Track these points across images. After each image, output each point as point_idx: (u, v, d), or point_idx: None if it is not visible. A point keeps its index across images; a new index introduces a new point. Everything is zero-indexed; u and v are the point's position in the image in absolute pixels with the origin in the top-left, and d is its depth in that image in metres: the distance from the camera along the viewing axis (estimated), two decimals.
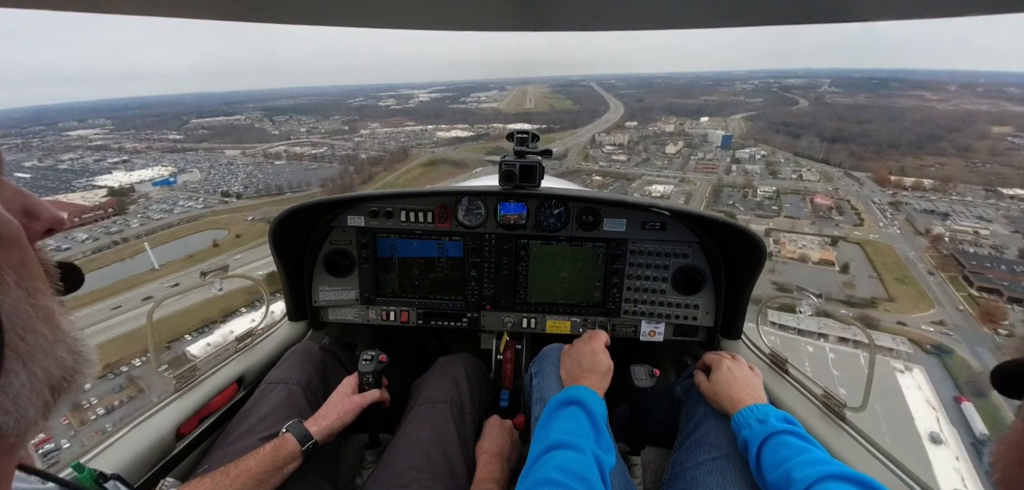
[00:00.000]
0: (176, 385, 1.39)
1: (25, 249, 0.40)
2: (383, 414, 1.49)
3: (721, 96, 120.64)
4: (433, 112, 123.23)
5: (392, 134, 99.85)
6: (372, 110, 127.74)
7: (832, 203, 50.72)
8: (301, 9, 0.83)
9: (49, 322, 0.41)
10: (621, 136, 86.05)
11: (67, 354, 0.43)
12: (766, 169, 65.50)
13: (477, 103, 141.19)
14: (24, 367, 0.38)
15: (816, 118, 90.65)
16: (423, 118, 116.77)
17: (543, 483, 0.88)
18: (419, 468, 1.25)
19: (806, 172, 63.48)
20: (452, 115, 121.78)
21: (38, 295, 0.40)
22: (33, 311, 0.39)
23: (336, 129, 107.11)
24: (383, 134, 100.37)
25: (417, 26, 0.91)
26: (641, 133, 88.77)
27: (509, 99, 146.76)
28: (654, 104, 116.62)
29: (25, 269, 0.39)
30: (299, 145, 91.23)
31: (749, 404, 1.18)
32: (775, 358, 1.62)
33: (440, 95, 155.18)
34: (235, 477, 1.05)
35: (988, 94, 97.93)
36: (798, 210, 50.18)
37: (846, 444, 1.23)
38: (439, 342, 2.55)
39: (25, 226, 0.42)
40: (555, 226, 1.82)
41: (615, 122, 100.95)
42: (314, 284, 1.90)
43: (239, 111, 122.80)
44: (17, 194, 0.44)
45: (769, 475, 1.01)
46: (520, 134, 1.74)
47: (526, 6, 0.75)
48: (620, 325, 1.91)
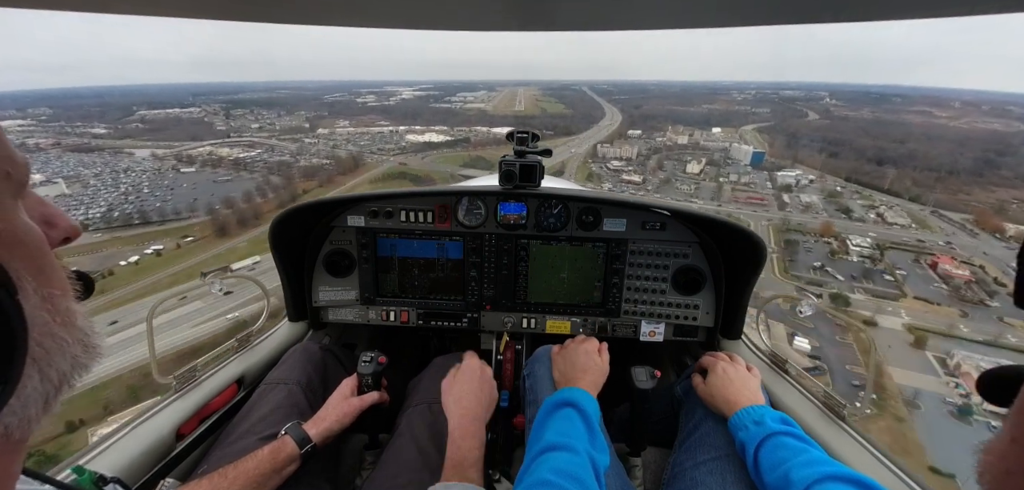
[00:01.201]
0: (176, 385, 1.39)
1: (46, 256, 0.42)
2: (383, 415, 1.49)
3: (723, 105, 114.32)
4: (412, 111, 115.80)
5: (356, 135, 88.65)
6: (347, 107, 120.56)
7: (969, 276, 30.95)
8: (301, 9, 0.83)
9: (68, 325, 0.43)
10: (627, 148, 72.39)
11: (81, 350, 0.44)
12: (826, 201, 48.65)
13: (463, 103, 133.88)
14: (39, 372, 0.39)
15: (841, 132, 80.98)
16: (399, 117, 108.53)
17: (539, 485, 0.89)
18: (417, 468, 1.25)
19: (887, 211, 45.01)
20: (432, 115, 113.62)
21: (57, 300, 0.41)
22: (51, 316, 0.40)
23: (296, 126, 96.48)
24: (345, 134, 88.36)
25: (417, 26, 0.91)
26: (649, 144, 76.96)
27: (498, 100, 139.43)
28: (655, 111, 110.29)
29: (44, 276, 0.41)
30: (229, 146, 75.91)
31: (746, 405, 1.18)
32: (775, 358, 1.62)
33: (424, 94, 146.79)
34: (233, 480, 1.05)
35: (995, 113, 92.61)
36: (923, 284, 31.00)
37: (846, 444, 1.23)
38: (439, 342, 2.55)
39: (44, 234, 0.43)
40: (555, 226, 1.82)
41: (615, 130, 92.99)
42: (314, 284, 1.90)
43: (202, 103, 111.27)
44: (38, 203, 0.46)
45: (767, 477, 1.00)
46: (520, 134, 1.74)
47: (526, 6, 0.76)
48: (620, 325, 1.91)
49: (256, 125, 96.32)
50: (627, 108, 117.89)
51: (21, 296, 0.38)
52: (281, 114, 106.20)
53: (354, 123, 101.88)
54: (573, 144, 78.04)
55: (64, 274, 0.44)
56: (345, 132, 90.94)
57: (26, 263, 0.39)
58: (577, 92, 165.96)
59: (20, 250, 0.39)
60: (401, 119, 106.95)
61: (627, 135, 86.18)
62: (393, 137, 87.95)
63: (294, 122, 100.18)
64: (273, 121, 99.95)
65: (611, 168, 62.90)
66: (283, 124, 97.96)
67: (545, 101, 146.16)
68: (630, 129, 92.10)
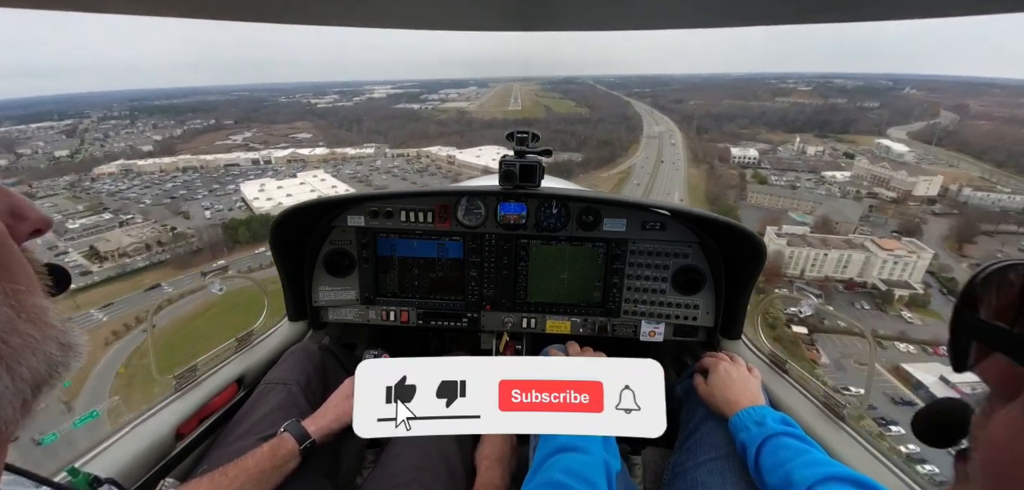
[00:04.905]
0: (176, 385, 1.39)
1: (8, 251, 0.40)
2: None
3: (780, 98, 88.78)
4: (357, 116, 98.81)
5: (207, 167, 72.83)
6: (279, 111, 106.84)
7: None
8: (301, 9, 0.83)
9: (37, 321, 0.41)
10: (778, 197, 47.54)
11: (57, 349, 0.43)
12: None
13: (440, 103, 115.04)
14: (7, 370, 0.38)
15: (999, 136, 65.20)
16: (330, 126, 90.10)
17: (549, 485, 0.88)
18: (418, 467, 1.25)
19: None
20: (392, 119, 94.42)
21: (22, 296, 0.40)
22: (16, 312, 0.39)
23: (165, 139, 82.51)
24: (174, 166, 72.67)
25: (418, 26, 0.91)
26: (773, 161, 53.53)
27: (488, 97, 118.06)
28: (705, 109, 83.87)
29: (7, 272, 0.39)
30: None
31: (746, 406, 1.18)
32: (775, 358, 1.62)
33: (401, 92, 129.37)
34: (234, 477, 1.06)
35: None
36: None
37: (846, 444, 1.23)
38: (439, 342, 2.55)
39: (10, 227, 0.42)
40: (555, 226, 1.82)
41: (685, 144, 63.56)
42: (314, 284, 1.90)
43: (104, 112, 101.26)
44: (3, 195, 0.44)
45: (768, 478, 1.00)
46: (520, 134, 1.74)
47: (526, 6, 0.75)
48: (620, 325, 1.91)
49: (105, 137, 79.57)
50: (663, 107, 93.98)
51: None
52: (177, 123, 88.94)
53: (264, 131, 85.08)
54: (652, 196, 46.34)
55: (31, 269, 0.43)
56: (205, 159, 75.60)
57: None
58: (584, 86, 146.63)
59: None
60: (327, 130, 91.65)
61: (731, 155, 57.39)
62: (257, 169, 71.95)
63: (164, 133, 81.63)
64: (140, 133, 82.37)
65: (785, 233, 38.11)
66: (148, 137, 78.67)
67: (548, 98, 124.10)
68: (697, 135, 65.20)
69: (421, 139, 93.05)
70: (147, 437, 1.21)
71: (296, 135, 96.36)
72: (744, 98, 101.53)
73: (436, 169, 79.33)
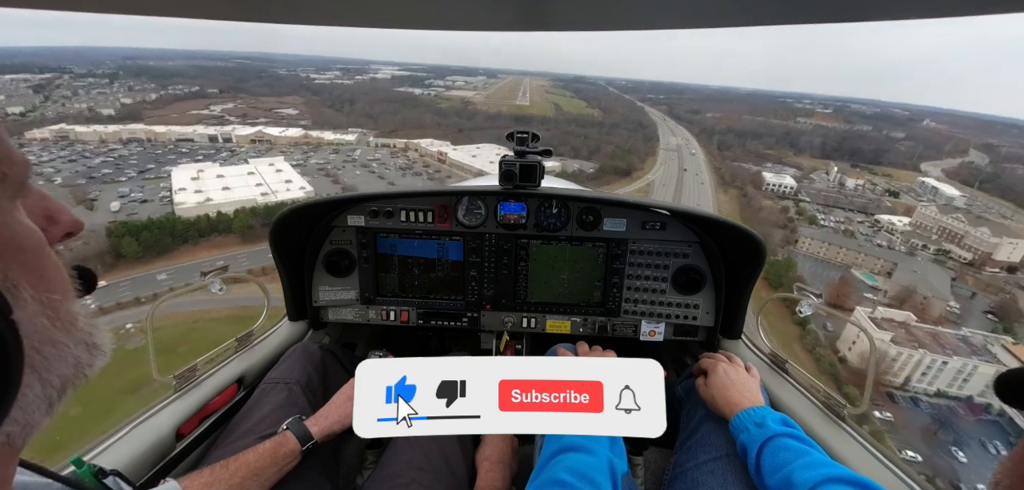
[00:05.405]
0: (176, 385, 1.39)
1: (46, 257, 0.40)
2: None
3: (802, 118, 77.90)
4: (351, 96, 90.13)
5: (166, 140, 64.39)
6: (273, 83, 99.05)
7: None
8: (301, 9, 0.83)
9: (69, 328, 0.41)
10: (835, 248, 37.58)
11: (84, 351, 0.43)
12: None
13: (444, 90, 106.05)
14: (39, 379, 0.38)
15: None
16: (322, 103, 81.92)
17: (553, 484, 0.88)
18: (419, 467, 1.25)
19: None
20: (388, 103, 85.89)
21: (57, 304, 0.40)
22: (51, 321, 0.39)
23: (135, 103, 73.74)
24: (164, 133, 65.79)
25: (417, 26, 0.91)
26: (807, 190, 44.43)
27: (496, 89, 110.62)
28: (741, 127, 73.15)
29: (44, 280, 0.39)
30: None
31: (746, 407, 1.17)
32: (775, 358, 1.62)
33: (407, 75, 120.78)
34: (234, 471, 1.07)
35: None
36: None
37: (846, 445, 1.23)
38: (439, 342, 2.55)
39: (44, 230, 0.41)
40: (555, 226, 1.82)
41: (695, 151, 57.22)
42: (314, 284, 1.90)
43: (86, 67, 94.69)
44: (40, 198, 0.44)
45: (769, 479, 1.00)
46: (520, 133, 1.73)
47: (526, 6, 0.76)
48: (620, 325, 1.91)
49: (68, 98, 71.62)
50: (679, 117, 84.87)
51: (19, 305, 0.36)
52: (158, 87, 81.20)
53: (245, 101, 76.49)
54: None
55: (65, 274, 0.42)
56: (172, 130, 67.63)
57: (24, 269, 0.38)
58: (595, 86, 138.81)
59: (18, 257, 0.38)
60: (316, 108, 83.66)
61: (764, 181, 47.16)
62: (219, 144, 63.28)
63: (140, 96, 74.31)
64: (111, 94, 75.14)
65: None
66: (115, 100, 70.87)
67: (558, 94, 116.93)
68: (719, 151, 56.77)
69: (414, 129, 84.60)
70: (147, 437, 1.21)
71: (282, 110, 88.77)
72: (764, 115, 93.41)
73: (422, 167, 70.28)
